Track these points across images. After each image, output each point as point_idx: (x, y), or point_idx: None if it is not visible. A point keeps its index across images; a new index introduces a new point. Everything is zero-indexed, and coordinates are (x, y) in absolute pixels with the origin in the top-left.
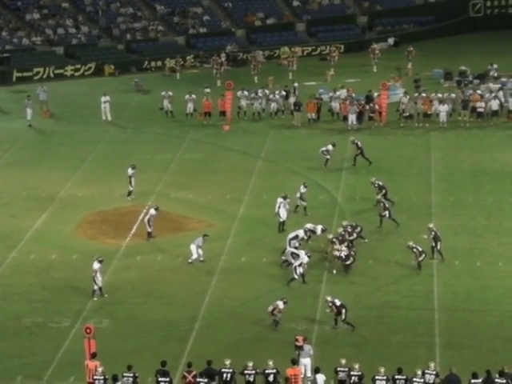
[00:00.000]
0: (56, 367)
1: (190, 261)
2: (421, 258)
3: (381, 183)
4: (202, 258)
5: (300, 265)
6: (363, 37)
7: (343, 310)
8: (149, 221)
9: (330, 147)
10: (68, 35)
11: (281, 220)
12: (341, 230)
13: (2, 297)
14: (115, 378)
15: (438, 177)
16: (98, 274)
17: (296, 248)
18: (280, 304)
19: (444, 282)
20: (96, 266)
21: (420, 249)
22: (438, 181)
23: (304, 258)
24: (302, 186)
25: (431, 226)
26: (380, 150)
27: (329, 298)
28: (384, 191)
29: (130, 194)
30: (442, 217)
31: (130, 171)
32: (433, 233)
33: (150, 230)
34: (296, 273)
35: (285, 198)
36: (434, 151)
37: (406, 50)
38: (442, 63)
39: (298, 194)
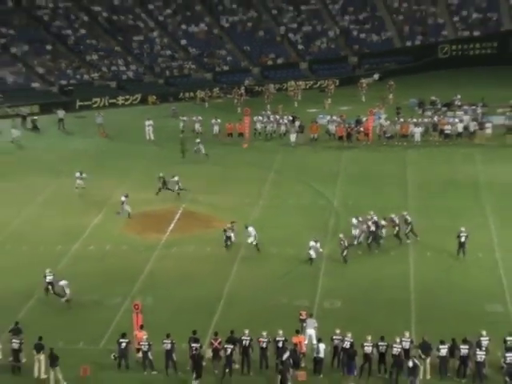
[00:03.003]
0: (110, 336)
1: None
2: (345, 253)
3: (162, 174)
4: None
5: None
6: (354, 73)
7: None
8: (122, 204)
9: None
10: (119, 72)
11: (311, 257)
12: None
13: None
14: (39, 347)
15: (413, 185)
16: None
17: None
18: None
19: (417, 269)
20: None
21: (346, 244)
22: (413, 188)
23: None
24: (312, 242)
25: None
26: (367, 163)
27: (47, 271)
28: (163, 181)
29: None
30: (416, 218)
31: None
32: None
33: (119, 211)
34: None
35: (316, 241)
36: (410, 165)
37: (388, 84)
38: (417, 94)
39: (312, 244)
